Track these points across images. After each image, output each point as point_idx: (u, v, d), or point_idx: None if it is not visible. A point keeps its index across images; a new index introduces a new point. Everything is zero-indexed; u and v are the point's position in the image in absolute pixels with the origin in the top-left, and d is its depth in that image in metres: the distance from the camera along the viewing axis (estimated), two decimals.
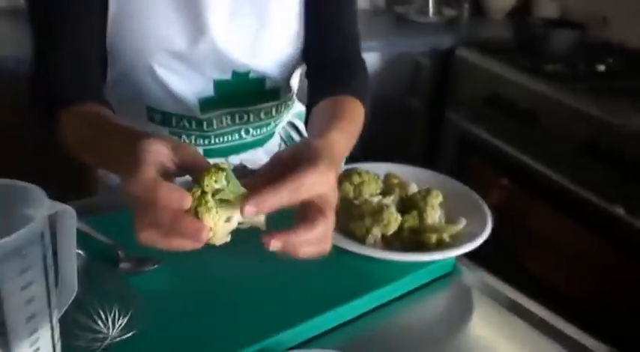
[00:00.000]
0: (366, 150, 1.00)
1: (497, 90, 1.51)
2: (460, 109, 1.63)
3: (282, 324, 0.54)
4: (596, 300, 1.25)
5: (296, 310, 0.56)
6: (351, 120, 0.65)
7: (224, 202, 0.43)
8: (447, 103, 1.67)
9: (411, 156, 1.85)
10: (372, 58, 1.62)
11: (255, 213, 0.42)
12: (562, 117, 1.35)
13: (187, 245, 0.42)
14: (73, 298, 0.46)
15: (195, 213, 0.42)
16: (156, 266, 0.60)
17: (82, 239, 0.61)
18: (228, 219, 0.43)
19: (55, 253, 0.44)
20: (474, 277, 0.68)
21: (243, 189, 0.44)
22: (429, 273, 0.65)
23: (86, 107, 0.62)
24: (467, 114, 1.61)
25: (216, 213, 0.42)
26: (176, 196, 0.40)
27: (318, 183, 0.45)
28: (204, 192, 0.42)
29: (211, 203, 0.42)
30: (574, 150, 1.30)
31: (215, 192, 0.42)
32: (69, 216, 0.44)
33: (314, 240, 0.45)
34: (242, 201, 0.42)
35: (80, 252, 0.58)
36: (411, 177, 0.74)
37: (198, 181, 0.43)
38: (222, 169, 0.43)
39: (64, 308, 0.46)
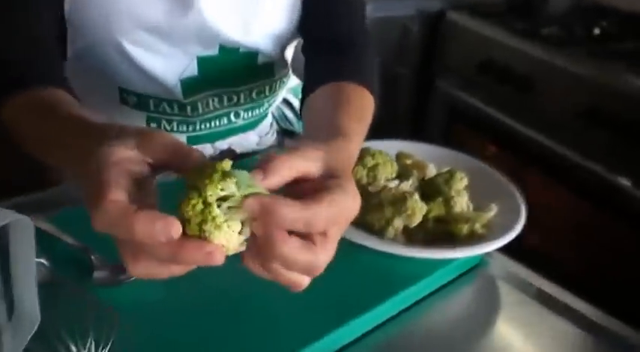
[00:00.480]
0: None
1: (490, 56, 1.42)
2: (450, 76, 1.54)
3: (292, 343, 0.46)
4: (598, 273, 1.21)
5: (307, 325, 0.47)
6: (363, 120, 0.52)
7: (234, 209, 0.33)
8: (437, 70, 1.57)
9: (398, 127, 1.77)
10: None
11: None
12: (559, 82, 1.28)
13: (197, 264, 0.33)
14: (34, 331, 0.36)
15: (198, 229, 0.32)
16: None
17: (46, 243, 0.51)
18: (242, 226, 0.33)
19: (6, 275, 0.33)
20: (499, 266, 0.61)
21: (257, 187, 0.33)
22: (456, 269, 0.57)
23: (35, 92, 0.49)
24: (457, 82, 1.52)
25: (228, 227, 0.32)
26: (159, 228, 0.30)
27: (349, 211, 0.36)
28: (207, 203, 0.32)
29: (220, 218, 0.32)
30: (572, 116, 1.24)
31: (221, 199, 0.32)
32: (24, 229, 0.33)
33: (305, 266, 0.35)
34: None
35: (43, 261, 0.48)
36: (426, 156, 0.65)
37: (196, 187, 0.32)
38: (229, 175, 0.32)
39: (23, 347, 0.36)
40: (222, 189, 0.32)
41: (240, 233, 0.33)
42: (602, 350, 0.54)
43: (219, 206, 0.32)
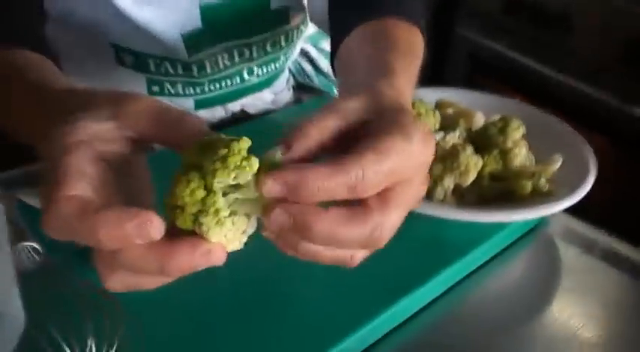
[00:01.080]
0: None
1: None
2: (472, 21, 1.42)
3: (330, 338, 0.38)
4: None
5: (345, 312, 0.40)
6: (410, 55, 0.41)
7: (245, 202, 0.25)
8: (456, 15, 1.46)
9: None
10: None
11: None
12: (603, 19, 1.16)
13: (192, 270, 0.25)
14: (20, 334, 0.29)
15: (193, 221, 0.24)
16: None
17: (39, 222, 0.44)
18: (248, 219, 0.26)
19: None
20: (558, 224, 0.53)
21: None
22: (514, 232, 0.49)
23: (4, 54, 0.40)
24: (480, 27, 1.41)
25: (233, 224, 0.25)
26: (132, 228, 0.23)
27: (415, 157, 0.27)
28: (211, 191, 0.24)
29: (224, 211, 0.24)
30: (619, 59, 1.13)
31: (230, 189, 0.24)
32: None
33: (358, 240, 0.26)
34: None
35: (34, 245, 0.40)
36: (467, 104, 0.56)
37: (199, 167, 0.24)
38: (247, 159, 0.24)
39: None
40: (235, 178, 0.24)
41: (243, 231, 0.25)
42: None
43: (224, 195, 0.24)
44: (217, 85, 0.63)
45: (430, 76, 1.81)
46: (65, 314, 0.35)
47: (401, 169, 0.26)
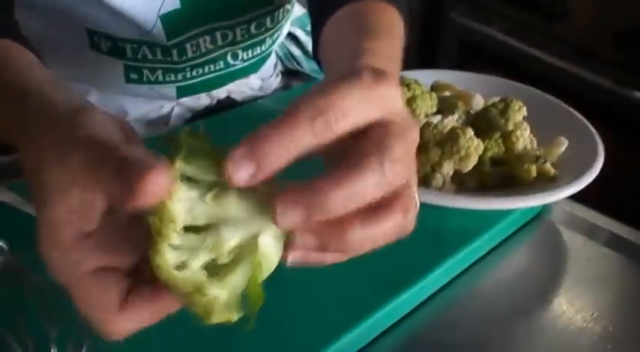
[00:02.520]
0: None
1: None
2: (464, 6, 1.39)
3: (331, 332, 0.36)
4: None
5: (347, 306, 0.37)
6: (392, 38, 0.38)
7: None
8: (449, 1, 1.42)
9: (407, 66, 1.64)
10: None
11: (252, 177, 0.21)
12: (593, 2, 1.13)
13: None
14: None
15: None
16: None
17: (6, 218, 0.41)
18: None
19: None
20: (561, 211, 0.50)
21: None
22: (517, 220, 0.46)
23: None
24: (473, 11, 1.37)
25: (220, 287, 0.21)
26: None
27: (363, 101, 0.23)
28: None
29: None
30: (610, 42, 1.10)
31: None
32: None
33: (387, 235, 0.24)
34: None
35: (1, 244, 0.37)
36: (465, 85, 0.53)
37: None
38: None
39: None
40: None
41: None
42: None
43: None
44: (200, 71, 0.59)
45: (422, 61, 1.79)
46: (30, 315, 0.32)
47: (360, 99, 0.23)
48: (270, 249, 0.22)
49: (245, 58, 0.62)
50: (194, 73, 0.59)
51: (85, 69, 0.57)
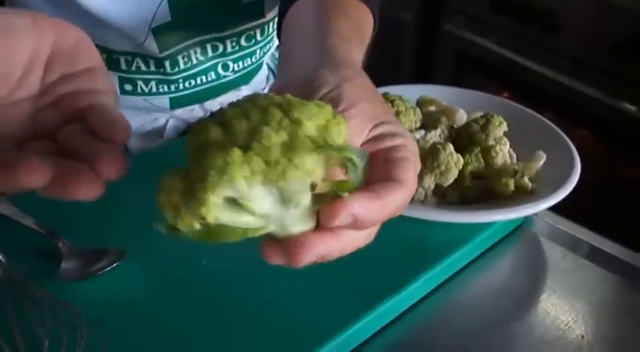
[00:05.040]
0: None
1: None
2: (459, 18, 1.41)
3: (315, 340, 0.37)
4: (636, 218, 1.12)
5: (328, 317, 0.38)
6: (359, 34, 0.39)
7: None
8: (444, 13, 1.44)
9: (403, 78, 1.66)
10: None
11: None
12: (590, 16, 1.15)
13: None
14: None
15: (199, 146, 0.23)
16: (117, 262, 0.41)
17: (4, 229, 0.42)
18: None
19: None
20: (543, 223, 0.52)
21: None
22: (498, 232, 0.48)
23: None
24: (468, 24, 1.39)
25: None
26: None
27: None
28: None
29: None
30: (605, 55, 1.12)
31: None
32: None
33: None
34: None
35: None
36: (452, 101, 0.55)
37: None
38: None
39: None
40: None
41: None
42: None
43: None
44: (192, 82, 0.61)
45: (418, 72, 1.79)
46: (25, 326, 0.34)
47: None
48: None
49: (236, 69, 0.63)
50: (186, 85, 0.61)
51: None
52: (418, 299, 0.43)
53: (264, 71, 0.70)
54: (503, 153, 0.46)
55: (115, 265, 0.40)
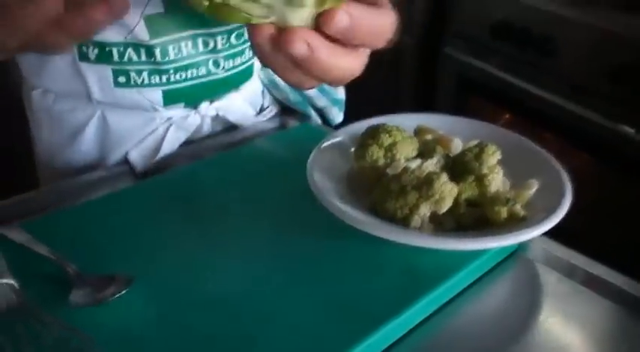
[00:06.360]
0: (352, 99, 0.81)
1: (505, 17, 1.32)
2: (460, 43, 1.44)
3: None
4: (632, 243, 1.13)
5: (325, 341, 0.40)
6: None
7: None
8: (445, 37, 1.47)
9: (405, 101, 1.68)
10: None
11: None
12: (584, 41, 1.18)
13: None
14: None
15: None
16: (125, 290, 0.42)
17: (18, 257, 0.44)
18: None
19: None
20: (539, 249, 0.53)
21: None
22: (493, 258, 0.49)
23: None
24: (469, 48, 1.42)
25: None
26: None
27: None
28: None
29: None
30: (600, 77, 1.14)
31: None
32: None
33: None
34: None
35: (11, 282, 0.40)
36: (449, 129, 0.57)
37: None
38: None
39: None
40: None
41: None
42: None
43: None
44: (184, 74, 0.63)
45: (420, 95, 1.81)
46: (38, 348, 0.35)
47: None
48: None
49: (227, 67, 0.65)
50: (178, 77, 0.63)
51: (75, 82, 0.61)
52: (414, 325, 0.44)
53: (256, 84, 0.72)
54: (497, 181, 0.48)
55: (123, 292, 0.42)
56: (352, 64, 0.34)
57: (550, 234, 0.49)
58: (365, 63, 0.36)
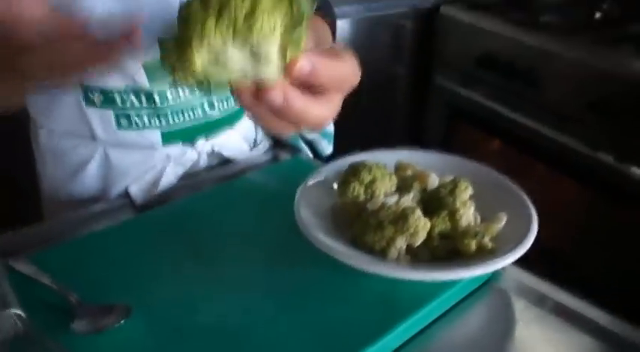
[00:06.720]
0: (346, 125, 0.86)
1: (489, 49, 1.38)
2: (449, 73, 1.50)
3: None
4: (614, 271, 1.16)
5: None
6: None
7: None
8: (434, 68, 1.53)
9: (397, 128, 1.73)
10: (346, 25, 1.47)
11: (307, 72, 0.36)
12: (563, 73, 1.23)
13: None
14: None
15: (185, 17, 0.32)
16: (124, 319, 0.46)
17: (25, 288, 0.47)
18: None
19: None
20: (512, 279, 0.57)
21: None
22: (466, 287, 0.53)
23: None
24: (457, 78, 1.48)
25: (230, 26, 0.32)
26: None
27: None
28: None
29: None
30: (580, 107, 1.19)
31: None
32: None
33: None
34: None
35: (19, 312, 0.44)
36: (427, 164, 0.61)
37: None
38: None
39: None
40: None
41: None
42: None
43: None
44: (181, 117, 0.67)
45: (413, 122, 1.87)
46: None
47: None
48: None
49: (221, 108, 0.70)
50: (176, 119, 0.67)
51: (81, 123, 0.66)
52: (392, 350, 0.47)
53: (250, 121, 0.77)
54: (467, 215, 0.52)
55: (122, 321, 0.45)
56: (324, 111, 0.39)
57: (534, 260, 0.53)
58: (337, 110, 0.41)
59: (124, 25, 0.40)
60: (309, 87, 0.37)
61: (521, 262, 0.56)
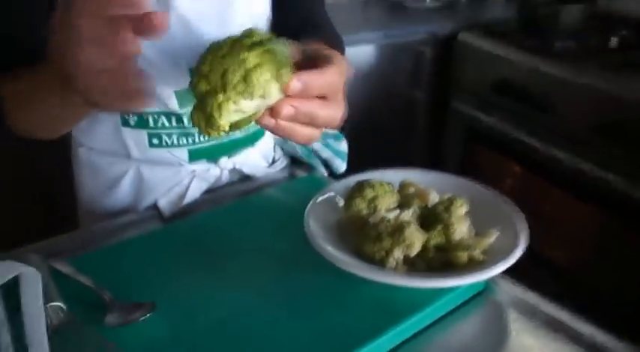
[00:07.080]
0: (367, 147, 0.91)
1: (505, 75, 1.42)
2: (466, 98, 1.55)
3: None
4: (625, 291, 1.17)
5: None
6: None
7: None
8: (452, 93, 1.58)
9: (416, 150, 1.78)
10: (367, 51, 1.53)
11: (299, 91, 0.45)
12: (577, 98, 1.27)
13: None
14: None
15: (199, 98, 0.46)
16: (149, 314, 0.52)
17: (66, 285, 0.54)
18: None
19: (18, 324, 0.36)
20: (506, 292, 0.60)
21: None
22: (459, 296, 0.57)
23: None
24: (473, 103, 1.52)
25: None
26: None
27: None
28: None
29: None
30: (594, 132, 1.22)
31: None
32: (32, 281, 0.36)
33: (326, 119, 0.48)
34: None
35: (61, 304, 0.51)
36: (431, 183, 0.66)
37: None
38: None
39: None
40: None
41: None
42: None
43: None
44: (206, 137, 0.72)
45: (430, 146, 1.92)
46: None
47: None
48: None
49: (244, 128, 0.76)
50: (202, 138, 0.74)
51: (117, 142, 0.73)
52: (389, 350, 0.52)
53: (270, 140, 0.83)
54: (461, 229, 0.57)
55: (147, 315, 0.52)
56: (330, 111, 0.49)
57: (549, 283, 0.55)
58: (343, 106, 0.51)
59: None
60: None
61: (534, 282, 0.60)
